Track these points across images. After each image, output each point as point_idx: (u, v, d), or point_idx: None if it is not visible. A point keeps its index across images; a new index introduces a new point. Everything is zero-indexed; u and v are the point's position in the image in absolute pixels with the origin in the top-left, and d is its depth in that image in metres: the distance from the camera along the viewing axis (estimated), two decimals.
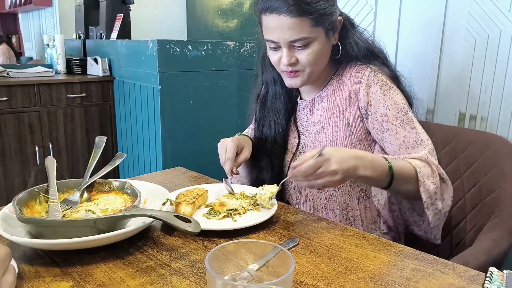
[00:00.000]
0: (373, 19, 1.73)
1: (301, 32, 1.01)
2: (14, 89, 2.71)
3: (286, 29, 1.01)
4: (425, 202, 0.99)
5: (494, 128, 1.42)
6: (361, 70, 1.10)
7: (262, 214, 0.90)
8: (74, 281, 0.67)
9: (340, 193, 1.13)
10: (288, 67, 1.06)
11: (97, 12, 3.41)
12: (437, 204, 1.01)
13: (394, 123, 1.05)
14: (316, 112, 1.17)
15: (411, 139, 1.05)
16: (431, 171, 1.00)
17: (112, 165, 0.99)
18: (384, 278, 0.68)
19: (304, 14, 0.99)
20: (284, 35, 1.01)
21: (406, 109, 1.07)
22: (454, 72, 1.51)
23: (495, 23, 1.38)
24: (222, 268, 0.56)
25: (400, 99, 1.07)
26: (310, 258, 0.75)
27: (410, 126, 1.06)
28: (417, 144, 1.05)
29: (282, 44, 1.03)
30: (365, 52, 1.12)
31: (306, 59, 1.04)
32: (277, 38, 1.03)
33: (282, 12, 0.99)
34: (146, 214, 0.77)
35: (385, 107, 1.06)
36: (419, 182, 0.97)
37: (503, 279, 0.66)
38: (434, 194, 1.00)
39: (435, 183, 1.00)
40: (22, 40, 5.51)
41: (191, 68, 2.49)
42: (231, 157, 1.09)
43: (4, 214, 0.80)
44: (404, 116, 1.06)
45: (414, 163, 0.99)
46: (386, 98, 1.06)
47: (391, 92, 1.07)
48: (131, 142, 2.88)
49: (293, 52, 1.05)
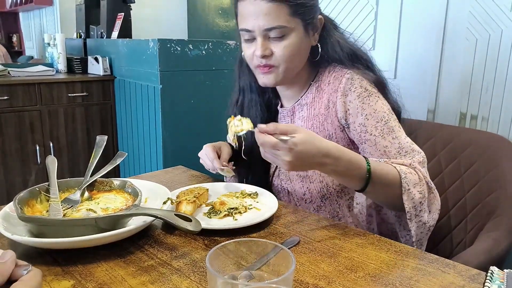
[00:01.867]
0: (374, 19, 1.73)
1: (278, 19, 0.96)
2: (15, 88, 2.71)
3: (262, 15, 0.95)
4: (408, 213, 0.91)
5: (495, 128, 1.42)
6: (338, 77, 1.04)
7: (262, 213, 0.91)
8: (75, 280, 0.67)
9: (328, 203, 1.09)
10: (262, 60, 1.00)
11: (98, 11, 3.41)
12: (421, 215, 0.93)
13: (373, 133, 0.98)
14: (297, 121, 1.12)
15: (393, 149, 0.97)
16: (418, 179, 0.92)
17: (112, 164, 0.99)
18: (385, 277, 0.68)
19: (281, 0, 0.95)
20: (259, 21, 0.96)
21: (387, 117, 0.99)
22: (455, 72, 1.51)
23: (496, 22, 1.38)
24: (223, 267, 0.56)
25: (380, 106, 1.00)
26: (311, 257, 0.75)
27: (392, 136, 0.98)
28: (401, 155, 0.97)
29: (257, 32, 0.98)
30: (348, 55, 1.06)
31: (282, 52, 0.98)
32: (251, 26, 0.98)
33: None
34: (147, 213, 0.77)
35: (363, 116, 0.99)
36: (402, 189, 0.90)
37: (504, 278, 0.66)
38: (420, 205, 0.92)
39: (421, 192, 0.91)
40: (23, 39, 5.51)
41: (191, 67, 2.49)
42: (214, 156, 1.10)
43: (5, 213, 0.80)
44: (385, 126, 0.98)
45: (399, 168, 0.92)
46: (365, 107, 0.99)
47: (370, 99, 1.00)
48: (132, 141, 2.88)
49: (268, 43, 0.99)
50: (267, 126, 0.82)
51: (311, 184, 1.09)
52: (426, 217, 0.93)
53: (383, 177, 0.89)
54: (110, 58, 3.03)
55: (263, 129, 0.82)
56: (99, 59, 2.99)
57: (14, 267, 0.51)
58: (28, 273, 0.51)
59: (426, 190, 0.93)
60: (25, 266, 0.52)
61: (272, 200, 0.97)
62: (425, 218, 0.93)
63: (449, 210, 1.28)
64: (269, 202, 0.97)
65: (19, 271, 0.51)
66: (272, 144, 0.81)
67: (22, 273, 0.51)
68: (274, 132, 0.82)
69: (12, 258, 0.51)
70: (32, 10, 4.78)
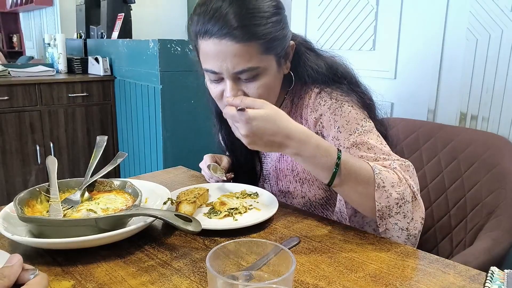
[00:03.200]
0: (374, 19, 1.73)
1: (249, 61, 0.84)
2: (15, 88, 2.72)
3: (230, 57, 0.83)
4: (379, 211, 0.82)
5: (495, 128, 1.42)
6: (308, 91, 0.97)
7: (263, 214, 0.91)
8: (76, 280, 0.67)
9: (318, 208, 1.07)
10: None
11: (98, 11, 3.41)
12: (398, 219, 0.83)
13: (345, 145, 0.91)
14: None
15: (369, 158, 0.88)
16: (397, 178, 0.83)
17: (113, 164, 0.99)
18: (385, 278, 0.68)
19: (251, 38, 0.83)
20: (227, 64, 0.84)
21: (360, 129, 0.91)
22: (455, 72, 1.51)
23: (497, 23, 1.38)
24: (223, 267, 0.56)
25: (353, 117, 0.92)
26: (311, 257, 0.75)
27: (366, 146, 0.89)
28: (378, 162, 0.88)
29: (226, 75, 0.86)
30: (326, 75, 0.96)
31: (255, 94, 0.88)
32: (218, 68, 0.85)
33: (225, 37, 0.82)
34: (147, 214, 0.77)
35: (335, 129, 0.93)
36: (376, 185, 0.81)
37: (504, 278, 0.66)
38: (396, 206, 0.82)
39: (399, 192, 0.81)
40: (23, 40, 5.52)
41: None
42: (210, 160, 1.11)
43: (5, 214, 0.80)
44: (357, 137, 0.90)
45: (373, 164, 0.83)
46: (337, 118, 0.92)
47: (342, 110, 0.92)
48: (132, 142, 2.88)
49: (239, 85, 0.88)
50: (233, 99, 0.80)
51: (294, 200, 1.08)
52: (406, 222, 0.84)
53: (355, 170, 0.81)
54: (111, 59, 3.03)
55: (230, 101, 0.80)
56: (99, 59, 3.00)
57: (21, 271, 0.51)
58: (35, 278, 0.51)
59: (407, 193, 0.83)
60: (32, 270, 0.52)
61: (272, 200, 0.97)
62: (403, 223, 0.84)
63: (449, 210, 1.28)
64: (269, 202, 0.97)
65: (26, 275, 0.51)
66: (231, 115, 0.79)
67: (29, 277, 0.51)
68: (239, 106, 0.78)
69: (20, 261, 0.51)
70: (32, 11, 4.78)
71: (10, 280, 0.49)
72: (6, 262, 0.51)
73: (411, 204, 0.84)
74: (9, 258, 0.51)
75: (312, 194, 1.05)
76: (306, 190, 1.05)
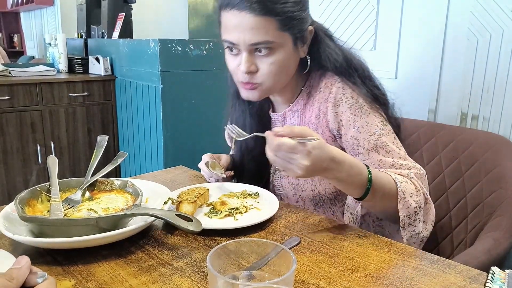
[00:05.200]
0: (375, 19, 1.73)
1: (266, 34, 0.88)
2: (16, 88, 2.72)
3: (248, 29, 0.88)
4: (402, 221, 0.89)
5: (496, 128, 1.42)
6: (329, 85, 0.99)
7: (263, 213, 0.91)
8: (76, 280, 0.67)
9: (322, 211, 1.08)
10: (246, 76, 0.93)
11: (99, 11, 3.41)
12: (415, 225, 0.90)
13: (365, 147, 0.95)
14: None
15: (387, 163, 0.94)
16: (414, 188, 0.89)
17: (113, 164, 0.99)
18: (386, 277, 0.68)
19: (269, 13, 0.87)
20: (245, 36, 0.89)
21: (380, 131, 0.95)
22: (456, 72, 1.51)
23: (497, 23, 1.38)
24: (224, 267, 0.56)
25: (372, 119, 0.95)
26: (312, 257, 0.75)
27: (385, 150, 0.94)
28: (395, 168, 0.93)
29: (242, 47, 0.91)
30: (341, 66, 0.99)
31: (268, 69, 0.92)
32: (236, 39, 0.90)
33: (244, 9, 0.87)
34: (148, 213, 0.77)
35: (355, 129, 0.95)
36: (398, 197, 0.87)
37: (505, 278, 0.66)
38: (414, 214, 0.89)
39: (417, 202, 0.88)
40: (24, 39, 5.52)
41: (192, 67, 2.50)
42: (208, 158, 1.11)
43: (6, 213, 0.80)
44: (377, 140, 0.94)
45: (395, 176, 0.89)
46: (357, 119, 0.95)
47: (362, 111, 0.95)
48: (133, 141, 2.88)
49: (254, 59, 0.92)
50: (282, 129, 0.76)
51: (303, 192, 1.08)
52: (420, 227, 0.91)
53: (382, 185, 0.86)
54: (111, 58, 3.03)
55: (278, 132, 0.76)
56: (100, 59, 3.00)
57: (29, 274, 0.51)
58: (44, 282, 0.51)
59: (422, 201, 0.89)
60: (40, 273, 0.52)
61: (273, 200, 0.97)
62: (419, 228, 0.90)
63: (450, 210, 1.28)
64: (270, 202, 0.97)
65: (34, 278, 0.51)
66: (291, 146, 0.75)
67: (37, 280, 0.51)
68: (289, 136, 0.76)
69: (27, 264, 0.51)
70: (33, 10, 4.79)
71: (18, 282, 0.49)
72: (14, 264, 0.51)
73: (424, 209, 0.91)
74: (17, 260, 0.51)
75: (323, 188, 1.05)
76: (316, 184, 1.05)
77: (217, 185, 1.09)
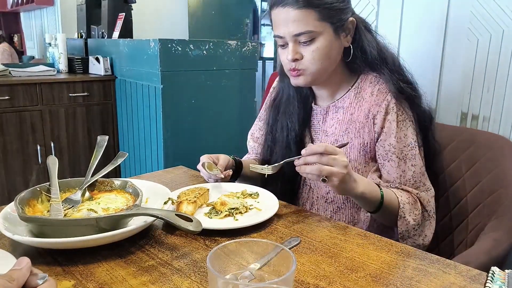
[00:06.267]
0: (375, 19, 1.73)
1: (306, 25, 1.00)
2: (16, 88, 2.72)
3: (291, 21, 1.00)
4: (401, 233, 1.05)
5: (496, 128, 1.42)
6: (383, 92, 1.08)
7: (263, 213, 0.91)
8: (76, 280, 0.67)
9: (349, 206, 1.12)
10: (292, 64, 1.04)
11: (99, 11, 3.41)
12: (415, 239, 1.07)
13: (398, 155, 1.06)
14: (329, 121, 1.14)
15: (408, 175, 1.07)
16: (414, 208, 1.04)
17: (113, 164, 0.99)
18: (386, 278, 0.68)
19: (309, 6, 0.99)
20: (289, 28, 1.01)
21: (413, 144, 1.07)
22: (456, 72, 1.51)
23: (498, 23, 1.38)
24: (224, 267, 0.56)
25: (411, 132, 1.07)
26: (312, 257, 0.75)
27: (412, 162, 1.06)
28: (411, 183, 1.07)
29: (288, 38, 1.03)
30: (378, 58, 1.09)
31: (311, 56, 1.03)
32: (283, 32, 1.03)
33: (288, 4, 1.00)
34: (148, 213, 0.77)
35: (395, 138, 1.06)
36: (399, 216, 1.03)
37: (505, 278, 0.66)
38: (413, 230, 1.05)
39: (415, 220, 1.04)
40: (24, 39, 5.52)
41: (192, 67, 2.50)
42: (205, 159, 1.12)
43: (6, 213, 0.80)
44: (409, 151, 1.06)
45: (401, 198, 1.03)
46: (398, 130, 1.06)
47: (404, 124, 1.07)
48: (133, 141, 2.88)
49: (299, 48, 1.03)
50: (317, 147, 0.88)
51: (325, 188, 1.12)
52: (421, 240, 1.07)
53: (390, 202, 1.02)
54: (111, 58, 3.03)
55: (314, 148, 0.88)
56: (100, 59, 3.00)
57: (30, 275, 0.51)
58: (44, 283, 0.51)
59: (420, 219, 1.05)
60: (41, 275, 0.52)
61: (273, 200, 0.97)
62: (419, 241, 1.07)
63: (450, 210, 1.28)
64: (270, 202, 0.97)
65: (34, 280, 0.51)
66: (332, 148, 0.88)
67: (38, 282, 0.51)
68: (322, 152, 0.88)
69: (28, 265, 0.51)
70: (33, 10, 4.78)
71: (18, 283, 0.49)
72: (14, 265, 0.50)
73: (424, 224, 1.07)
74: (17, 261, 0.51)
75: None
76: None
77: (217, 185, 1.09)
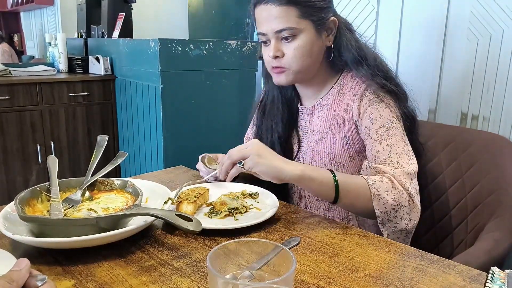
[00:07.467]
0: (375, 19, 1.73)
1: (288, 21, 1.00)
2: (16, 88, 2.72)
3: (273, 18, 1.01)
4: (379, 217, 0.94)
5: (496, 128, 1.42)
6: (360, 83, 1.07)
7: (263, 213, 0.91)
8: (76, 279, 0.67)
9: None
10: (274, 61, 1.05)
11: (99, 10, 3.41)
12: (397, 222, 0.95)
13: (373, 137, 1.02)
14: (316, 120, 1.14)
15: (382, 155, 1.00)
16: (391, 187, 0.93)
17: (113, 164, 0.99)
18: (386, 278, 0.68)
19: (290, 2, 0.99)
20: (271, 25, 1.01)
21: (390, 124, 1.02)
22: (456, 72, 1.51)
23: (498, 23, 1.38)
24: (224, 267, 0.56)
25: (387, 113, 1.03)
26: (312, 257, 0.75)
27: (387, 142, 1.00)
28: (386, 163, 0.99)
29: (270, 35, 1.03)
30: (361, 58, 1.06)
31: (293, 53, 1.03)
32: (265, 29, 1.03)
33: (270, 1, 1.00)
34: (148, 213, 0.77)
35: (370, 120, 1.03)
36: (372, 195, 0.92)
37: (505, 278, 0.66)
38: (393, 211, 0.94)
39: (395, 199, 0.93)
40: (24, 39, 5.52)
41: (192, 67, 2.50)
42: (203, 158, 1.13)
43: (6, 213, 0.81)
44: (385, 132, 1.01)
45: (367, 177, 0.95)
46: (373, 111, 1.03)
47: (380, 105, 1.03)
48: (133, 141, 2.88)
49: (280, 45, 1.04)
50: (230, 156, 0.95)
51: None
52: (404, 224, 0.96)
53: (351, 184, 0.94)
54: (111, 58, 3.03)
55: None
56: (100, 59, 3.00)
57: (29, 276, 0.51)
58: (43, 285, 0.51)
59: (403, 199, 0.94)
60: (41, 276, 0.52)
61: (273, 200, 0.97)
62: (401, 225, 0.96)
63: (450, 211, 1.28)
64: (270, 202, 0.97)
65: (33, 281, 0.51)
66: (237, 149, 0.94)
67: (37, 283, 0.51)
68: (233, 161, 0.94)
69: (27, 267, 0.51)
70: (33, 10, 4.78)
71: (18, 285, 0.49)
72: (14, 266, 0.50)
73: (408, 207, 0.95)
74: (16, 262, 0.51)
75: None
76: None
77: (217, 185, 1.09)
